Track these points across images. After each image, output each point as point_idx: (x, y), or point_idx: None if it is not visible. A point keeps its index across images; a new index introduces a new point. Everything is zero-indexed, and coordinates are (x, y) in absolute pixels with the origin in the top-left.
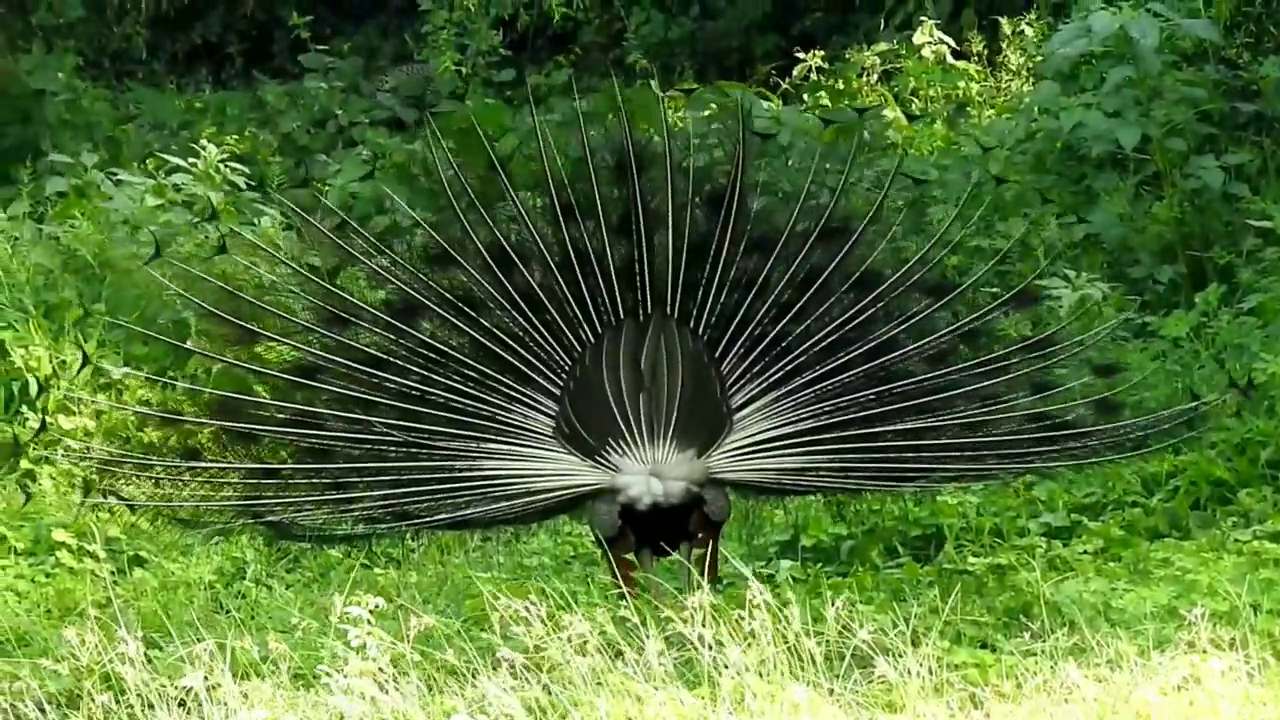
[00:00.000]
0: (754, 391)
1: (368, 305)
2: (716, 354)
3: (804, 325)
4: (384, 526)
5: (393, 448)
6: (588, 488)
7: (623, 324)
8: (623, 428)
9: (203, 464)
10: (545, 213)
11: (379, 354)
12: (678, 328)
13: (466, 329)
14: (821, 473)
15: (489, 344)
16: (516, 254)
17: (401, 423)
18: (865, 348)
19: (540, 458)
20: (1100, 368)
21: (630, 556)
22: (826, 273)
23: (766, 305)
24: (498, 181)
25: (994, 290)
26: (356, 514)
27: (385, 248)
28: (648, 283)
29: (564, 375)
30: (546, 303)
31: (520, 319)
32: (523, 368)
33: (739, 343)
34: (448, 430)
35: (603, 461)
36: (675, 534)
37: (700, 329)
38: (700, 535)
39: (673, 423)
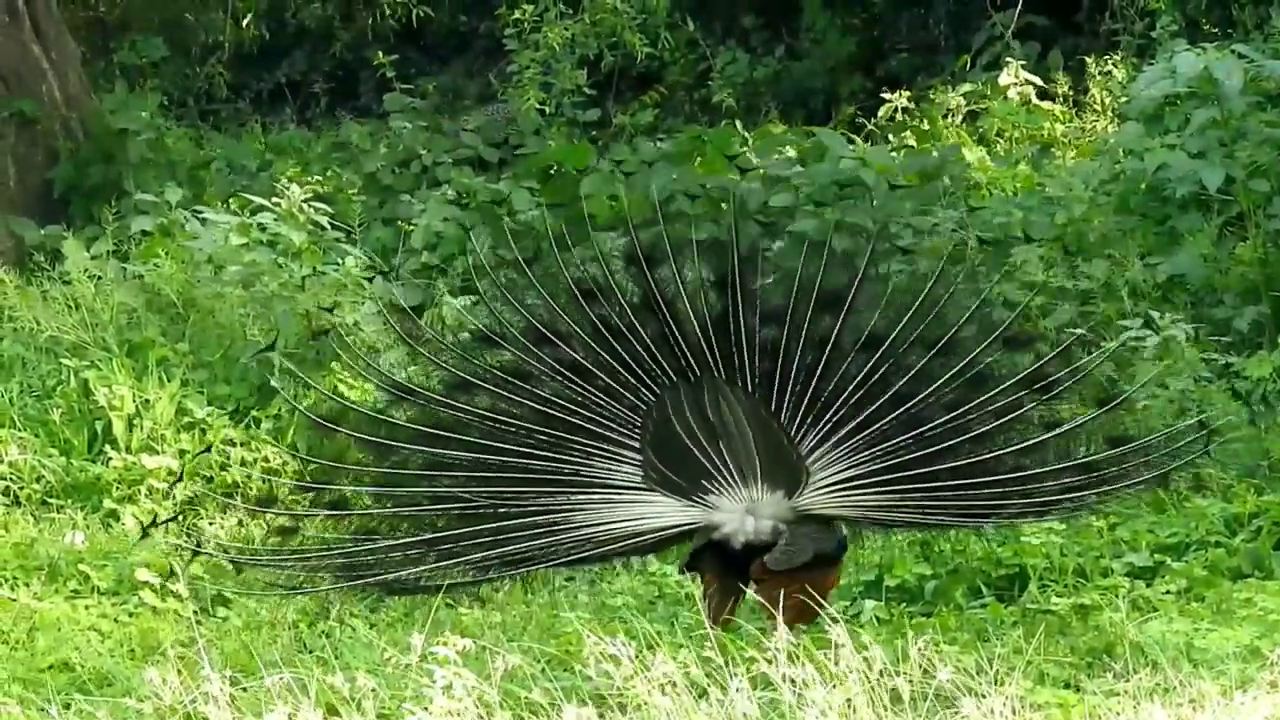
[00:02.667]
0: (818, 438)
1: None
2: (772, 406)
3: (863, 382)
4: (493, 575)
5: (483, 509)
6: (686, 526)
7: (678, 383)
8: (713, 471)
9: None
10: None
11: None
12: (730, 385)
13: (523, 399)
14: (901, 509)
15: (551, 410)
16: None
17: (485, 488)
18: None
19: (636, 503)
20: (1102, 400)
21: (724, 594)
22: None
23: (826, 365)
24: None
25: (1073, 331)
26: (461, 569)
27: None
28: (702, 346)
29: (637, 430)
30: (614, 364)
31: (581, 383)
32: (592, 427)
33: (791, 396)
34: (533, 490)
35: (700, 501)
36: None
37: (749, 385)
38: (760, 580)
39: (758, 466)
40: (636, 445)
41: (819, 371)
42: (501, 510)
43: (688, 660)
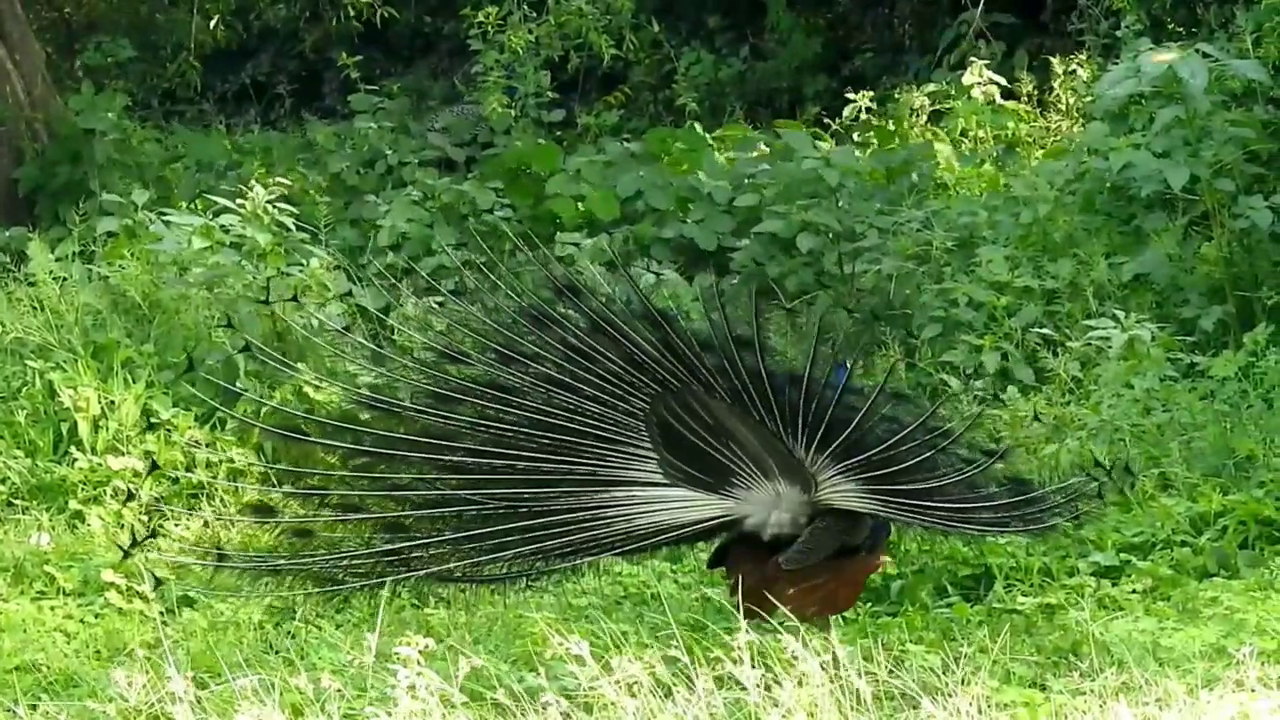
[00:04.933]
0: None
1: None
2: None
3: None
4: (537, 568)
5: (502, 510)
6: (719, 518)
7: (664, 392)
8: (734, 467)
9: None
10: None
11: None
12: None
13: (513, 409)
14: (900, 511)
15: (547, 417)
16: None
17: (496, 490)
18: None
19: (664, 499)
20: (986, 451)
21: (754, 589)
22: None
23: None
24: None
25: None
26: (495, 564)
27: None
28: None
29: (643, 433)
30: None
31: (567, 395)
32: (597, 432)
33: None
34: (551, 490)
35: (728, 494)
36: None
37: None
38: (776, 579)
39: (774, 463)
40: (648, 445)
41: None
42: (523, 510)
43: (653, 660)
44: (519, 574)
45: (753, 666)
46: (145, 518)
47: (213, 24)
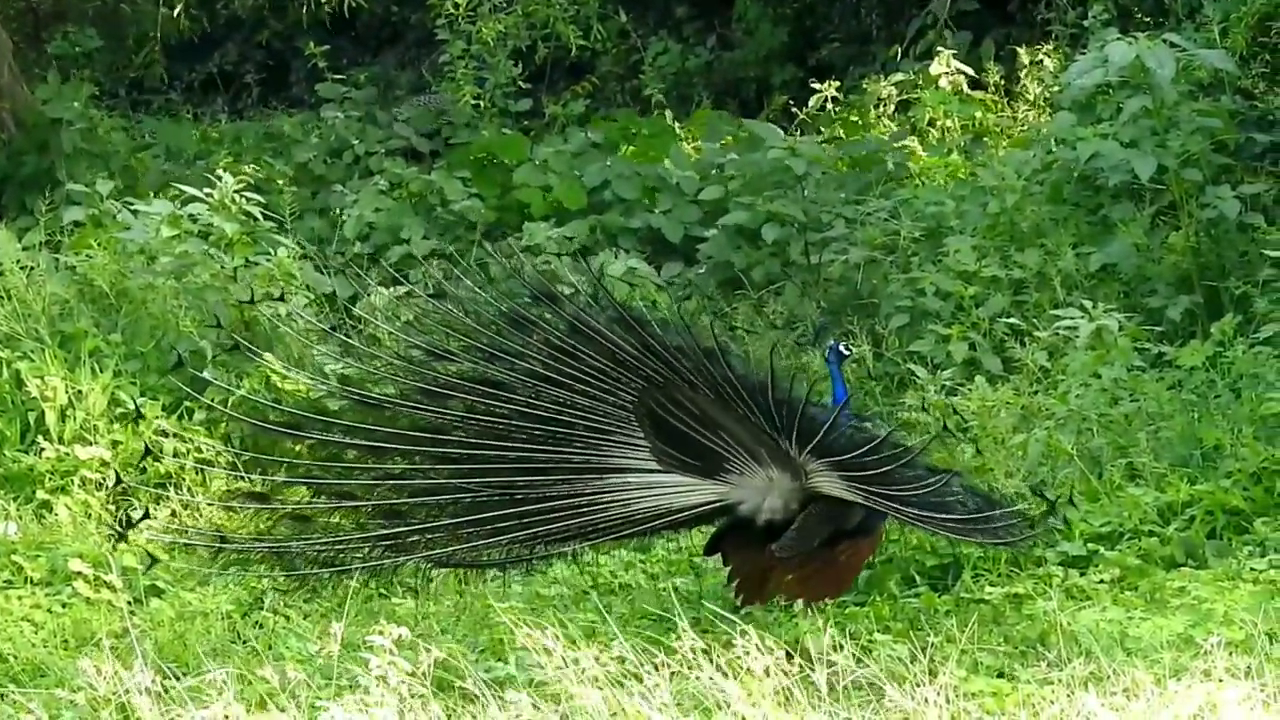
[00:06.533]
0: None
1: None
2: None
3: None
4: (539, 551)
5: (497, 498)
6: (714, 503)
7: (649, 386)
8: (726, 455)
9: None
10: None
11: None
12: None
13: (502, 403)
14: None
15: (536, 410)
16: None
17: (489, 479)
18: None
19: (660, 485)
20: (929, 468)
21: (750, 575)
22: None
23: None
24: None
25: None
26: (497, 549)
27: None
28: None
29: (633, 423)
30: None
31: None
32: (586, 423)
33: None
34: (547, 478)
35: (722, 479)
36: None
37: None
38: (771, 567)
39: (764, 451)
40: (640, 434)
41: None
42: (519, 497)
43: (621, 652)
44: (519, 559)
45: (710, 659)
46: (137, 502)
47: (175, 12)
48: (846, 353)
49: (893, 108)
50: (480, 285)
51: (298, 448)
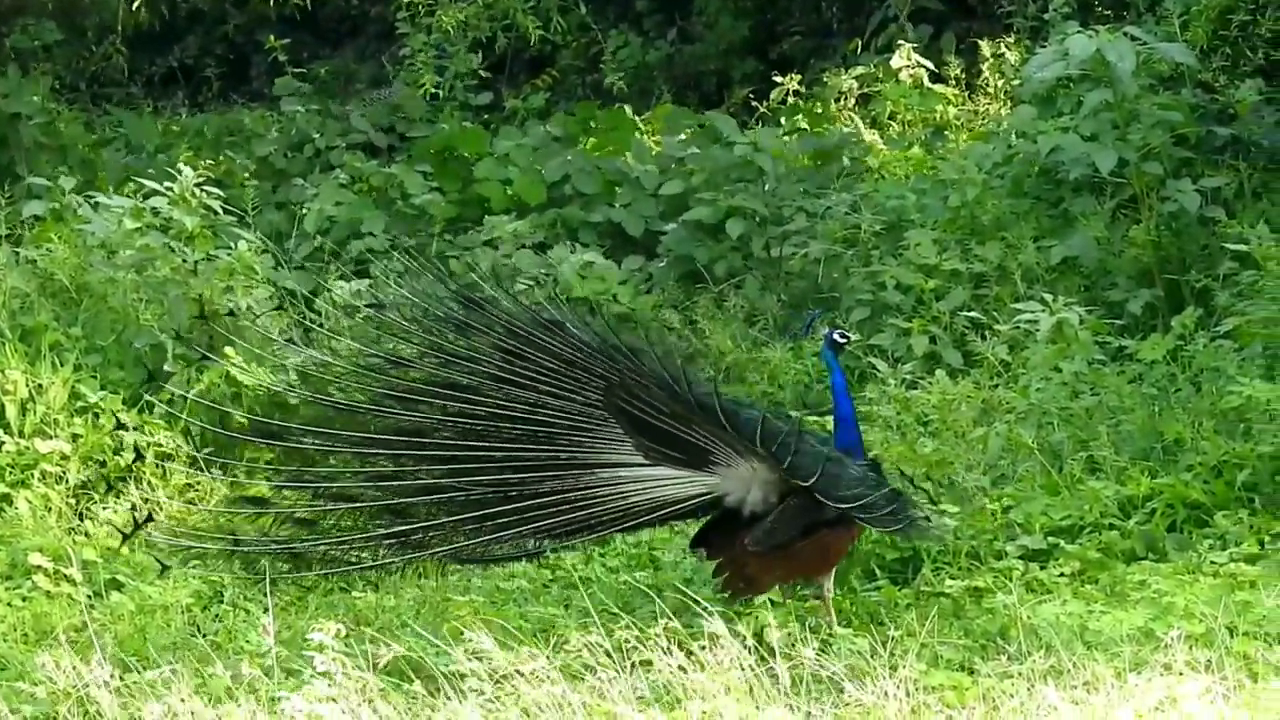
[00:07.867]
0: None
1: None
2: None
3: None
4: (535, 546)
5: (486, 496)
6: (703, 494)
7: (610, 385)
8: (709, 448)
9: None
10: None
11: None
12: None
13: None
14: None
15: (512, 410)
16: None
17: (476, 478)
18: None
19: (648, 478)
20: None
21: (736, 569)
22: None
23: None
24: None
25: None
26: (497, 544)
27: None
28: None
29: (610, 420)
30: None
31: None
32: (563, 420)
33: None
34: (536, 475)
35: (709, 471)
36: None
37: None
38: (744, 560)
39: (744, 445)
40: (620, 431)
41: None
42: (512, 494)
43: (581, 645)
44: (531, 553)
45: (669, 653)
46: (143, 502)
47: (136, 5)
48: (843, 340)
49: (854, 101)
50: (431, 284)
51: (270, 456)
